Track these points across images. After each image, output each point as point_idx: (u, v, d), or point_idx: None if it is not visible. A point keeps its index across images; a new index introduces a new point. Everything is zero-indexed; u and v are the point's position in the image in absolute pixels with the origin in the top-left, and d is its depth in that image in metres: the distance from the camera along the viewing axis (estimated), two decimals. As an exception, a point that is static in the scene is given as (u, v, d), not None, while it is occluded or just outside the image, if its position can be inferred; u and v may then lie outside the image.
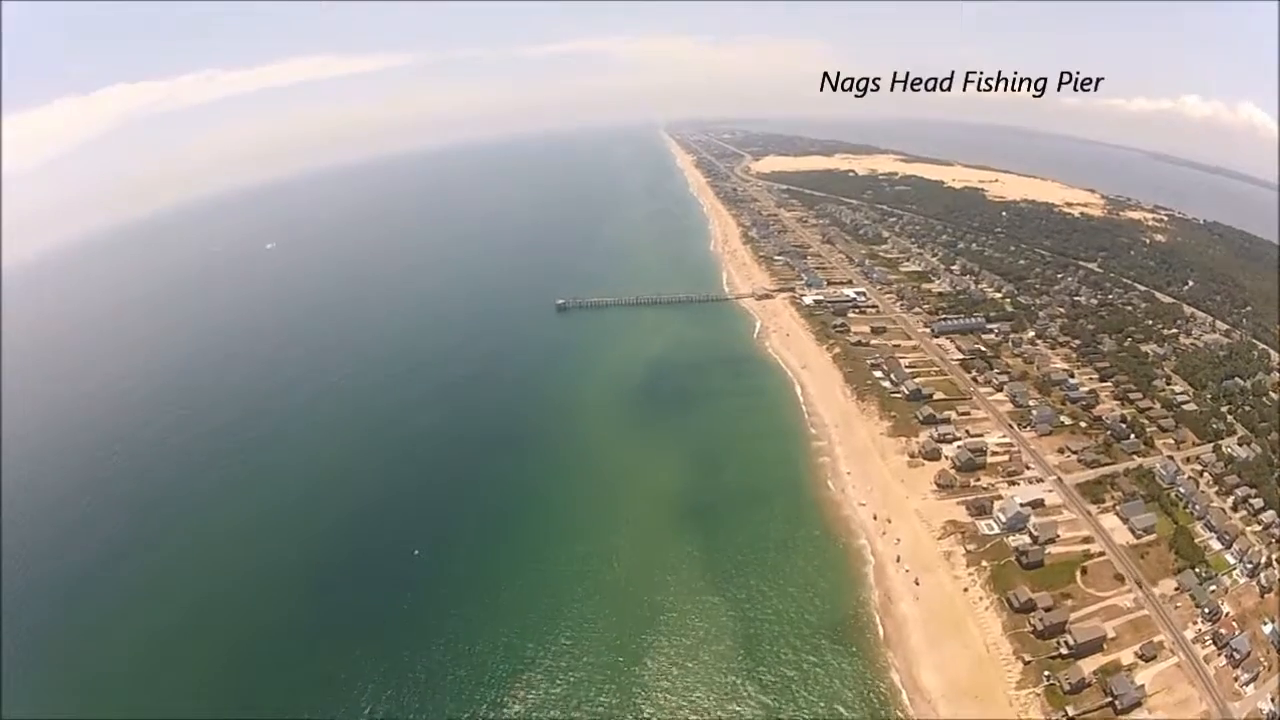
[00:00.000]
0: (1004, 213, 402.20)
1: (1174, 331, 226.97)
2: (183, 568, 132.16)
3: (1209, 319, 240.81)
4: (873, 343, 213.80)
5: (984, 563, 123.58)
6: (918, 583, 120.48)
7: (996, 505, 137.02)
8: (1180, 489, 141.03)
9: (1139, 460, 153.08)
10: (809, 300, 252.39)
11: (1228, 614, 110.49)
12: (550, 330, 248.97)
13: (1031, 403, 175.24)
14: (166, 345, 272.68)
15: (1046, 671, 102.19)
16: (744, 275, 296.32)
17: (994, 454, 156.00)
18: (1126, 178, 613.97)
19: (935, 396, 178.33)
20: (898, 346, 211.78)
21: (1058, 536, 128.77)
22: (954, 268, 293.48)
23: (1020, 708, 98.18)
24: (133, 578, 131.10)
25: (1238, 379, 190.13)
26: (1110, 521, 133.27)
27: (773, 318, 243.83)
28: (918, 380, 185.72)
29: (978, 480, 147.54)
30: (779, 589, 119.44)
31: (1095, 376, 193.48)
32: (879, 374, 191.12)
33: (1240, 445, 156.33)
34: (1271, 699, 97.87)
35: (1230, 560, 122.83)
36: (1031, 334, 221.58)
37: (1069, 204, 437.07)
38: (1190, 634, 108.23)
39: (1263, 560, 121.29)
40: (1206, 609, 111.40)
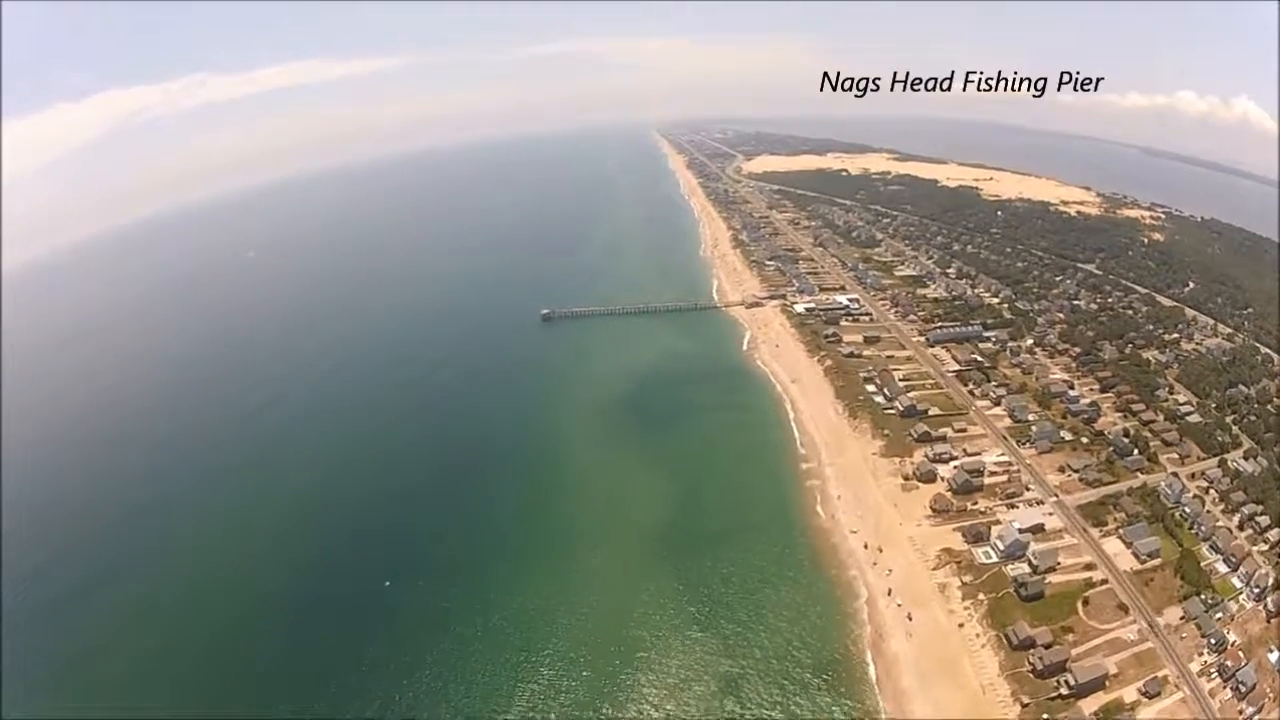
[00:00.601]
0: (999, 212, 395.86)
1: (1176, 336, 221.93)
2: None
3: (1211, 322, 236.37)
4: (866, 354, 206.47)
5: (981, 596, 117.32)
6: (911, 618, 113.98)
7: (994, 532, 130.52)
8: (1185, 508, 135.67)
9: (1143, 478, 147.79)
10: (800, 308, 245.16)
11: (1234, 643, 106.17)
12: (533, 343, 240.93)
13: (1031, 417, 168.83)
14: (128, 370, 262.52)
15: (1045, 715, 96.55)
16: (734, 281, 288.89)
17: (992, 474, 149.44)
18: (1122, 174, 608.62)
19: (930, 412, 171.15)
20: (891, 358, 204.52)
21: (1058, 564, 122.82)
22: (950, 271, 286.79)
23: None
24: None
25: (1242, 386, 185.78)
26: (1113, 546, 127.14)
27: (763, 327, 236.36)
28: (912, 394, 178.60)
29: (975, 503, 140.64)
30: (766, 623, 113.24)
31: (1096, 387, 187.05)
32: (872, 388, 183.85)
33: (1246, 459, 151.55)
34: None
35: (1236, 584, 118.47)
36: (1030, 342, 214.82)
37: (1065, 202, 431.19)
38: (1196, 666, 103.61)
39: (1269, 583, 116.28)
40: (1212, 639, 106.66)
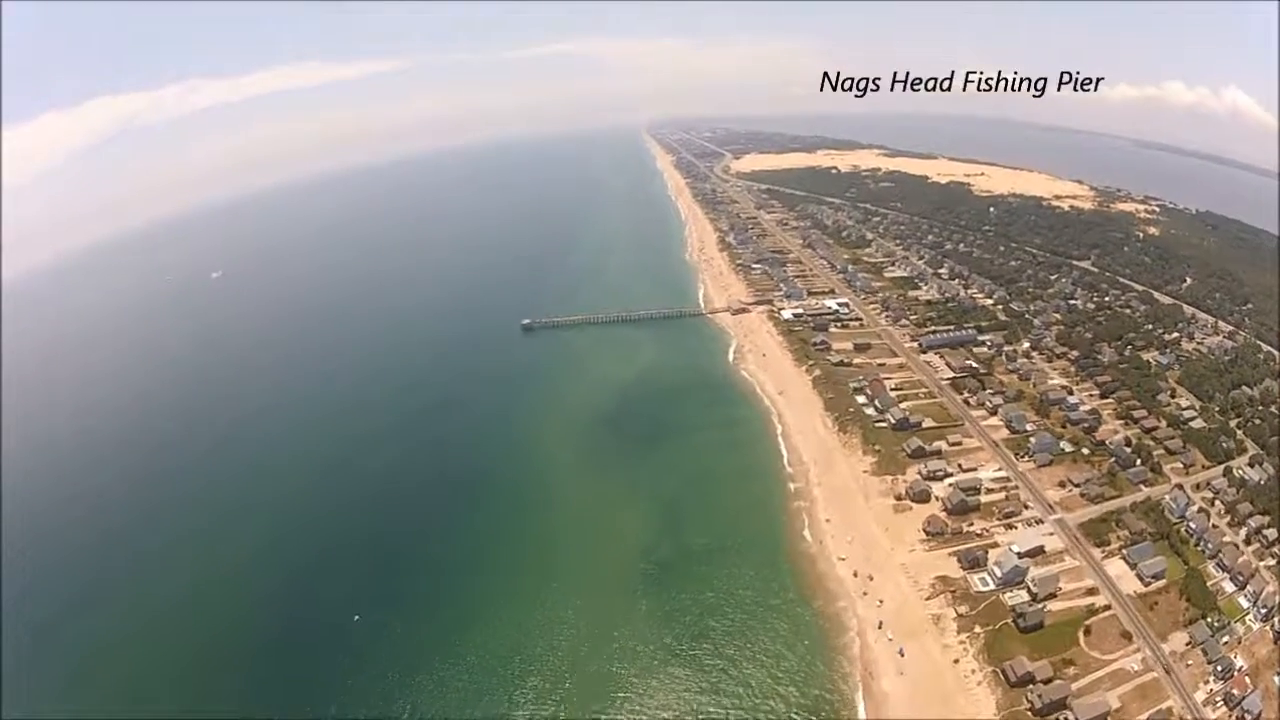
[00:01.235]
0: (992, 208, 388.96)
1: (1176, 336, 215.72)
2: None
3: (1210, 320, 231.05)
4: (856, 362, 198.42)
5: (977, 628, 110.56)
6: (902, 653, 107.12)
7: (992, 557, 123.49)
8: (1191, 524, 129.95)
9: (1146, 491, 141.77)
10: (788, 314, 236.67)
11: (1240, 668, 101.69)
12: (513, 358, 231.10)
13: (1029, 427, 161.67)
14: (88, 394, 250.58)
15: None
16: (720, 286, 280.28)
17: (989, 491, 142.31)
18: (1113, 167, 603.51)
19: (924, 425, 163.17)
20: (883, 366, 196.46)
21: (1059, 590, 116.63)
22: (942, 272, 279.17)
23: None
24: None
25: (1245, 388, 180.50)
26: (1117, 568, 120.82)
27: (749, 335, 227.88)
28: (905, 405, 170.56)
29: (971, 525, 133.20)
30: (751, 659, 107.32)
31: (1096, 393, 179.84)
32: (862, 399, 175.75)
33: (1251, 466, 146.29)
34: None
35: (1243, 603, 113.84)
36: (1026, 345, 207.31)
37: (1058, 197, 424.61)
38: (1201, 695, 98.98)
39: (1277, 602, 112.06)
40: (1219, 666, 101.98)
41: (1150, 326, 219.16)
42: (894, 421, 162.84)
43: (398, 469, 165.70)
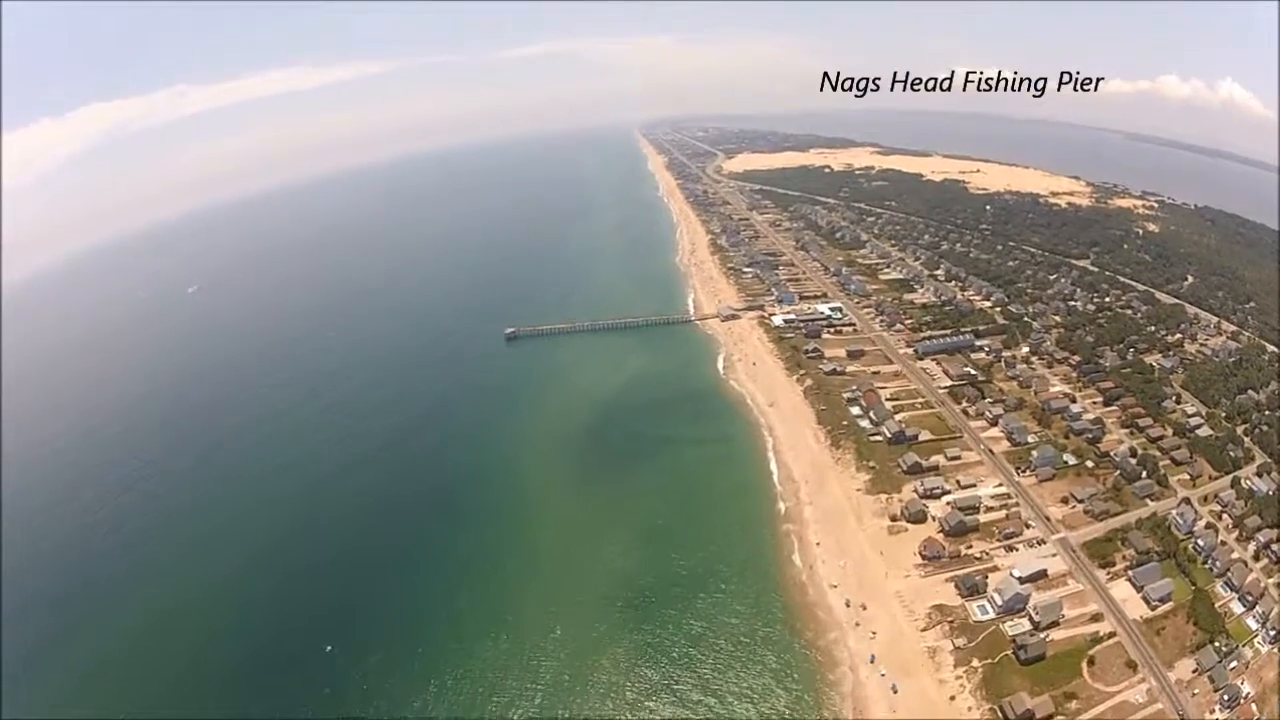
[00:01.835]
0: (988, 206, 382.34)
1: (1179, 338, 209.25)
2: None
3: (1214, 320, 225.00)
4: (849, 370, 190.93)
5: (975, 661, 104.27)
6: (895, 690, 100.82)
7: (992, 583, 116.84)
8: (1199, 541, 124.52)
9: (1152, 506, 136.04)
10: (779, 320, 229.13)
11: (1248, 695, 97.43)
12: (495, 369, 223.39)
13: (1030, 438, 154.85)
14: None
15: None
16: (710, 291, 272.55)
17: (989, 510, 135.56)
18: (1108, 162, 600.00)
19: (921, 438, 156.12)
20: (877, 374, 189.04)
21: (1062, 617, 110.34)
22: (938, 273, 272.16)
23: None
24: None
25: (1251, 392, 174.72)
26: (1122, 590, 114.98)
27: (739, 343, 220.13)
28: (900, 417, 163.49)
29: (969, 547, 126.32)
30: (737, 694, 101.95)
31: (1099, 400, 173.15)
32: (856, 411, 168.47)
33: (1260, 476, 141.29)
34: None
35: (1252, 625, 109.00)
36: (1026, 350, 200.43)
37: (1054, 193, 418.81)
38: None
39: None
40: (1225, 694, 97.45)
41: (1153, 328, 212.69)
42: (889, 435, 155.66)
43: (369, 490, 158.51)
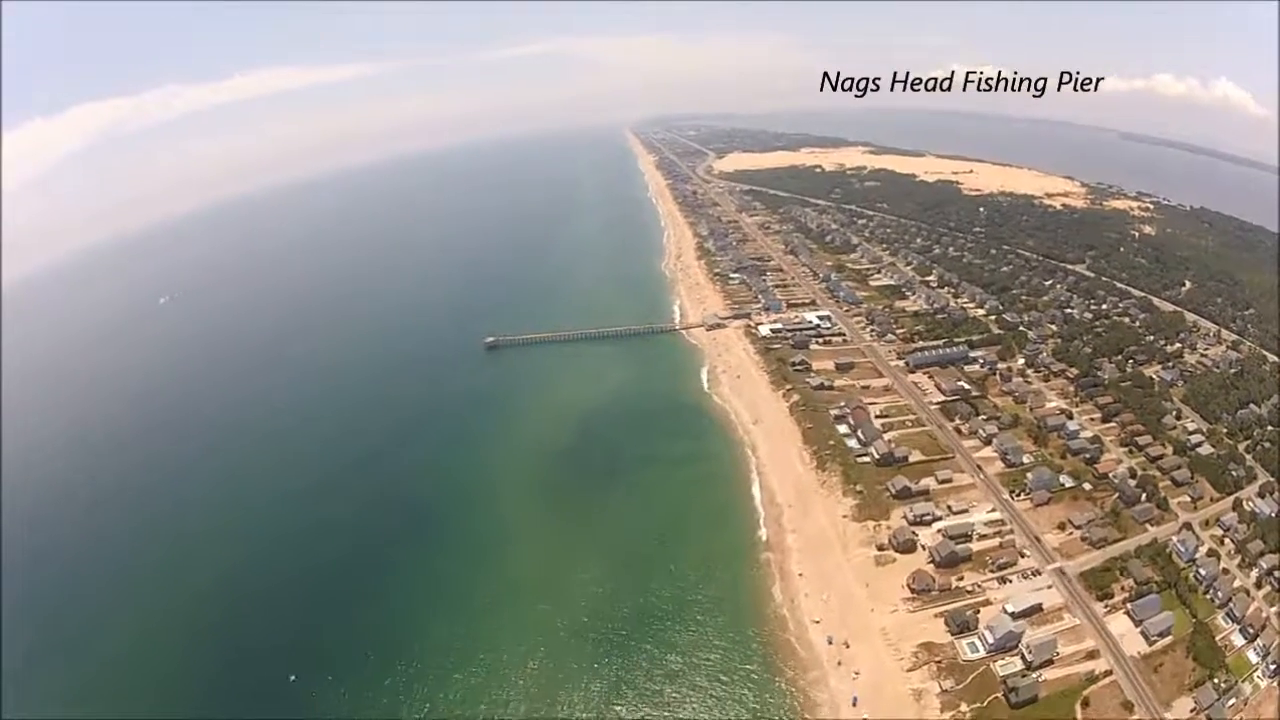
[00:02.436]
0: (981, 208, 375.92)
1: (1178, 347, 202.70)
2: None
3: (1213, 327, 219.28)
4: (838, 384, 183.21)
5: (963, 706, 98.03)
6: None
7: (983, 619, 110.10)
8: (1200, 570, 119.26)
9: (1152, 531, 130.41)
10: (766, 330, 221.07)
11: None
12: (473, 381, 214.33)
13: (1025, 458, 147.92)
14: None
15: None
16: (696, 298, 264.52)
17: (981, 538, 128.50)
18: (1102, 161, 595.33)
19: (911, 459, 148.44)
20: (867, 388, 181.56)
21: (1056, 656, 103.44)
22: (930, 279, 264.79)
23: None
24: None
25: (1253, 405, 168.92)
26: (1120, 624, 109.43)
27: (724, 354, 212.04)
28: (890, 435, 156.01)
29: (960, 579, 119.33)
30: None
31: (1098, 416, 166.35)
32: (844, 429, 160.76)
33: (1262, 497, 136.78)
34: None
35: (1253, 658, 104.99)
36: (1021, 362, 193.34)
37: (1049, 195, 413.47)
38: None
39: None
40: None
41: (1151, 337, 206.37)
42: (878, 456, 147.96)
43: (335, 513, 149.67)
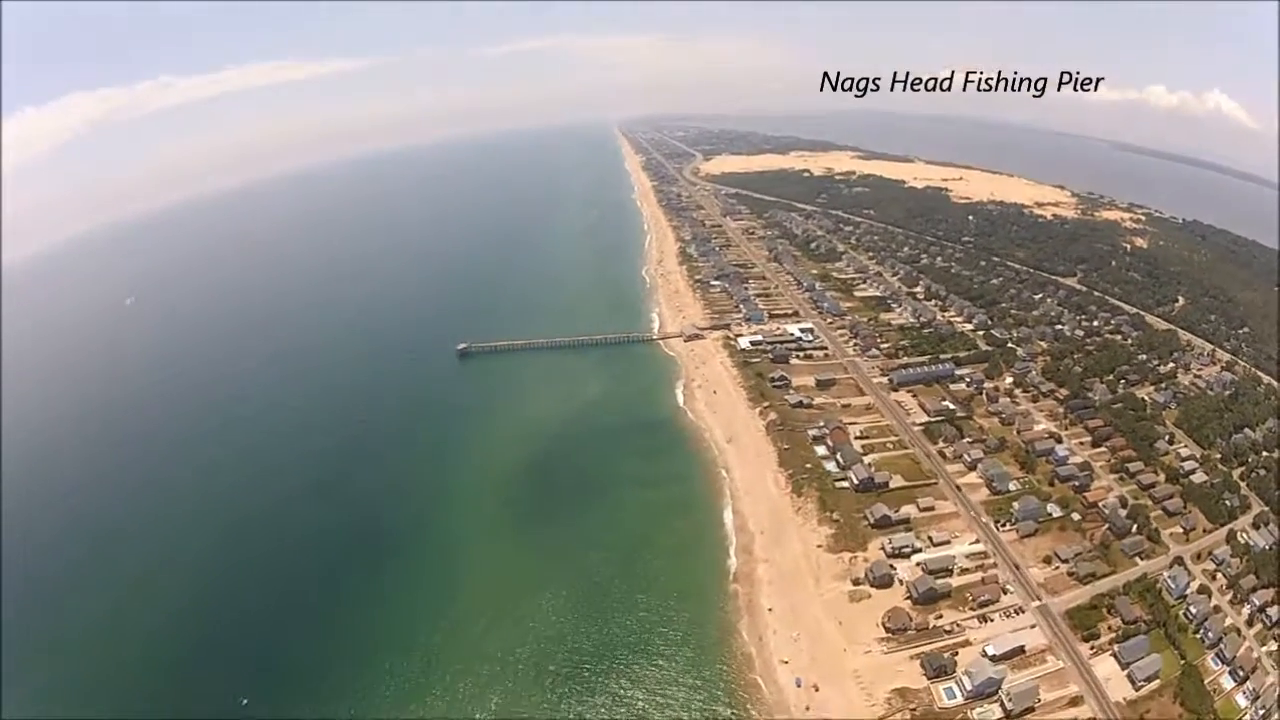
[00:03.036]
0: (971, 217, 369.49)
1: (1171, 367, 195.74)
2: None
3: (1207, 347, 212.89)
4: (817, 402, 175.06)
5: None
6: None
7: (961, 662, 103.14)
8: (1191, 608, 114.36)
9: (1142, 565, 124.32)
10: (745, 342, 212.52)
11: None
12: (442, 390, 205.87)
13: (1012, 485, 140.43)
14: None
15: None
16: (675, 306, 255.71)
17: (963, 571, 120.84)
18: (1094, 171, 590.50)
19: (891, 484, 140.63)
20: (848, 407, 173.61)
21: (1038, 703, 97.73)
22: (917, 290, 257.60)
23: None
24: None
25: (1247, 430, 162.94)
26: (1106, 667, 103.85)
27: (700, 366, 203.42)
28: (870, 459, 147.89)
29: (939, 617, 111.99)
30: None
31: (1088, 440, 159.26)
32: (822, 451, 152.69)
33: (1256, 528, 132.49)
34: None
35: (1241, 702, 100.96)
36: (1009, 381, 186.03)
37: (1039, 204, 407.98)
38: None
39: (1276, 699, 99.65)
40: None
41: (1144, 357, 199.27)
42: (857, 481, 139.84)
43: (289, 534, 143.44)
